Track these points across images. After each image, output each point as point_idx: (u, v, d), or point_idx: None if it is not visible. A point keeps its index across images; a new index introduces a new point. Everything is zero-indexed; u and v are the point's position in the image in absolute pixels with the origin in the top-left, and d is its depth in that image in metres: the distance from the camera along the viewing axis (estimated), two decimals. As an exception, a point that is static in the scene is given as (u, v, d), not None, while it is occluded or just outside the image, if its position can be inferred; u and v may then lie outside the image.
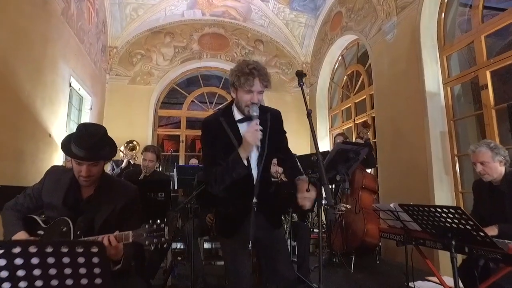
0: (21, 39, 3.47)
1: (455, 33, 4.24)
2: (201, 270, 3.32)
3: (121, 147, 5.88)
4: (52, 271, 1.02)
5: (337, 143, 1.70)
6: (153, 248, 1.39)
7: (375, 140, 5.42)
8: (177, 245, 4.24)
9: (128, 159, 5.13)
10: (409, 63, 4.39)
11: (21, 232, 1.67)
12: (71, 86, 5.05)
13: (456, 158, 3.96)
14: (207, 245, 4.82)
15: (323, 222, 4.60)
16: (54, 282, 1.03)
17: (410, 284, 2.69)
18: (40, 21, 3.88)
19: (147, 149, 3.61)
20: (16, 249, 1.00)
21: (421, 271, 3.24)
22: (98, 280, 1.07)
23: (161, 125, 9.92)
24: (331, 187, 3.71)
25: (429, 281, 3.14)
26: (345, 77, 6.72)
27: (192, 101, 7.99)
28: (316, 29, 7.39)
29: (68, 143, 1.67)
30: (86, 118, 6.01)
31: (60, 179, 1.76)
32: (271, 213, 1.77)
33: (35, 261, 0.99)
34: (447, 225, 1.91)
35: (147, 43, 7.49)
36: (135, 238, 1.43)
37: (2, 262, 1.00)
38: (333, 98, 7.27)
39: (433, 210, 1.93)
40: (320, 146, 4.02)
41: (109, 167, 5.29)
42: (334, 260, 4.10)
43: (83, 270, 1.05)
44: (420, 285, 2.96)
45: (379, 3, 5.00)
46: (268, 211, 1.73)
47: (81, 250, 1.03)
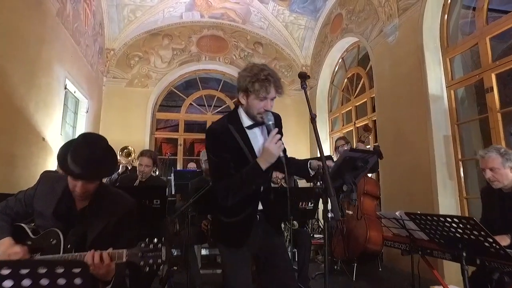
0: (14, 40, 3.37)
1: (458, 35, 4.16)
2: (198, 278, 3.23)
3: (117, 153, 5.77)
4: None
5: (344, 151, 1.60)
6: (148, 269, 1.28)
7: (376, 144, 5.33)
8: (174, 252, 4.12)
9: (125, 165, 5.02)
10: (412, 65, 4.30)
11: (7, 238, 1.54)
12: (66, 88, 4.95)
13: (460, 163, 3.86)
14: (204, 251, 4.71)
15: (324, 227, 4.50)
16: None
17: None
18: (34, 22, 3.78)
19: (142, 153, 3.50)
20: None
21: (426, 279, 3.13)
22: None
23: (160, 128, 9.83)
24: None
25: (435, 290, 3.03)
26: (346, 80, 6.63)
27: (191, 104, 7.89)
28: (316, 31, 7.31)
29: (65, 154, 1.53)
30: (82, 121, 5.90)
31: (54, 187, 1.64)
32: (272, 220, 1.71)
33: (7, 284, 0.88)
34: (457, 235, 1.81)
35: (145, 45, 7.40)
36: (130, 258, 1.31)
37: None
38: (333, 101, 7.18)
39: (443, 219, 1.83)
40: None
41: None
42: (335, 267, 3.99)
43: (63, 293, 0.94)
44: (427, 295, 2.85)
45: (381, 5, 4.92)
46: (269, 218, 1.67)
47: (62, 270, 0.93)
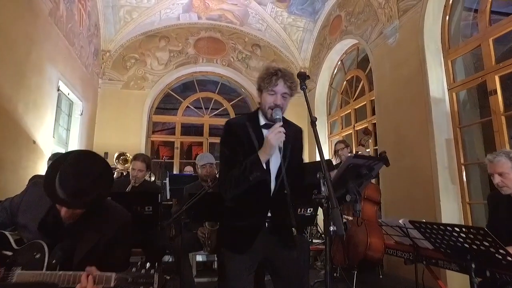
0: (1, 39, 3.25)
1: (459, 37, 4.08)
2: (192, 287, 3.10)
3: (114, 159, 5.65)
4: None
5: (348, 157, 1.49)
6: None
7: (376, 147, 5.23)
8: (168, 259, 3.99)
9: (121, 171, 4.90)
10: (412, 67, 4.21)
11: None
12: (59, 90, 4.83)
13: (463, 167, 3.76)
14: (200, 257, 4.58)
15: (322, 232, 4.38)
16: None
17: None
18: (24, 21, 3.66)
19: (136, 157, 3.38)
20: None
21: (429, 288, 3.02)
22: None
23: (157, 130, 9.71)
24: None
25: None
26: (345, 82, 6.54)
27: (188, 106, 7.78)
28: (315, 33, 7.23)
29: (55, 172, 1.35)
30: (76, 123, 5.77)
31: (42, 198, 1.46)
32: (286, 232, 1.59)
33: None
34: (466, 246, 1.70)
35: (141, 47, 7.29)
36: (118, 282, 1.19)
37: None
38: (332, 104, 7.08)
39: (450, 229, 1.72)
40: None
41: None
42: (334, 275, 3.87)
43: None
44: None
45: (380, 6, 4.84)
46: (282, 229, 1.57)
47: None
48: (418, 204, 3.96)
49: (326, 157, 6.47)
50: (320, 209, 1.63)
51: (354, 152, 4.08)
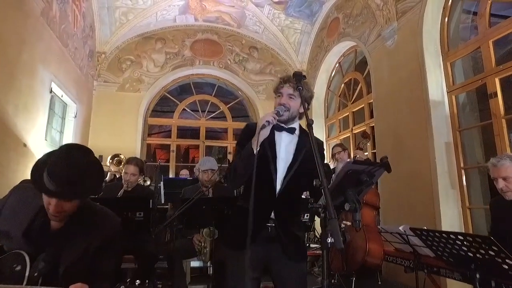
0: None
1: (458, 39, 4.02)
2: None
3: (107, 161, 5.55)
4: None
5: (347, 163, 1.42)
6: None
7: (374, 151, 5.16)
8: (161, 265, 3.87)
9: (114, 173, 4.79)
10: (411, 70, 4.15)
11: None
12: (52, 92, 4.73)
13: (463, 171, 3.69)
14: (195, 263, 4.46)
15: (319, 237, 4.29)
16: None
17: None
18: (14, 21, 3.56)
19: (129, 161, 3.28)
20: None
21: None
22: None
23: (154, 133, 9.61)
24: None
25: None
26: (342, 85, 6.48)
27: (184, 109, 7.70)
28: (312, 35, 7.17)
29: (43, 166, 1.29)
30: (70, 126, 5.67)
31: (27, 202, 1.39)
32: (293, 243, 1.58)
33: None
34: (470, 254, 1.62)
35: (137, 48, 7.21)
36: None
37: None
38: (329, 107, 7.02)
39: (453, 237, 1.64)
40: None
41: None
42: (332, 281, 3.78)
43: None
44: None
45: (379, 8, 4.79)
46: (288, 239, 1.56)
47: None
48: (418, 209, 3.88)
49: (324, 161, 6.39)
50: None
51: (352, 156, 4.01)
